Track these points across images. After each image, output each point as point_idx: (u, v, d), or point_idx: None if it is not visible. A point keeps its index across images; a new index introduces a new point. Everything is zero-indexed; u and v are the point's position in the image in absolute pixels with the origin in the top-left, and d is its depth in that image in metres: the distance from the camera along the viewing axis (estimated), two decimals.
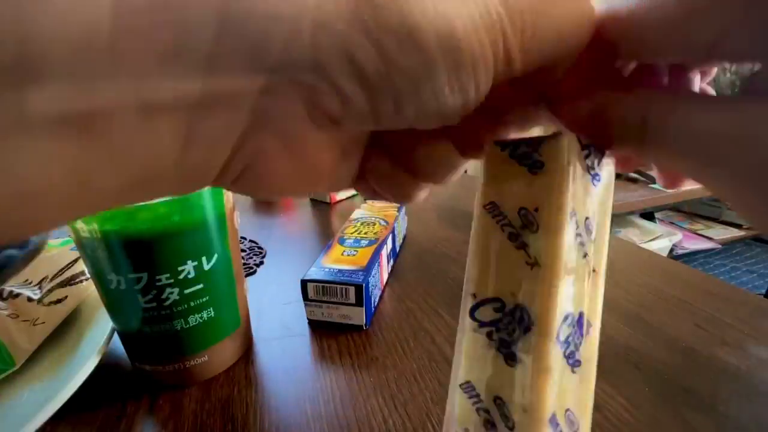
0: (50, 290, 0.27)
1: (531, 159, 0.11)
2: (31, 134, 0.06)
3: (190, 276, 0.21)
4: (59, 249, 0.31)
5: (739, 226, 1.64)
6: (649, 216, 1.56)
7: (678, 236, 1.47)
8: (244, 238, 0.46)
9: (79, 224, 0.19)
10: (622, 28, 0.10)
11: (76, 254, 0.31)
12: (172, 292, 0.21)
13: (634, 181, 1.49)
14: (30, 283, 0.27)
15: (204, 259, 0.22)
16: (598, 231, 0.11)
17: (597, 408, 0.21)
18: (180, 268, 0.21)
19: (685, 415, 0.20)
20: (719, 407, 0.21)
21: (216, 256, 0.22)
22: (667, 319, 0.28)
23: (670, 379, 0.23)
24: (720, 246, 1.55)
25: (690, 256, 1.54)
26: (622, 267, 0.36)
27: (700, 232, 1.61)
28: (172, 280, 0.21)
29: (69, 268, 0.30)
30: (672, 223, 1.70)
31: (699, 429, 0.19)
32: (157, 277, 0.20)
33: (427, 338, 0.27)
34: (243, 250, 0.43)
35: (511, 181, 0.11)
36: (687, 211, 1.82)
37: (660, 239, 1.39)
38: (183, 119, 0.08)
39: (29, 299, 0.26)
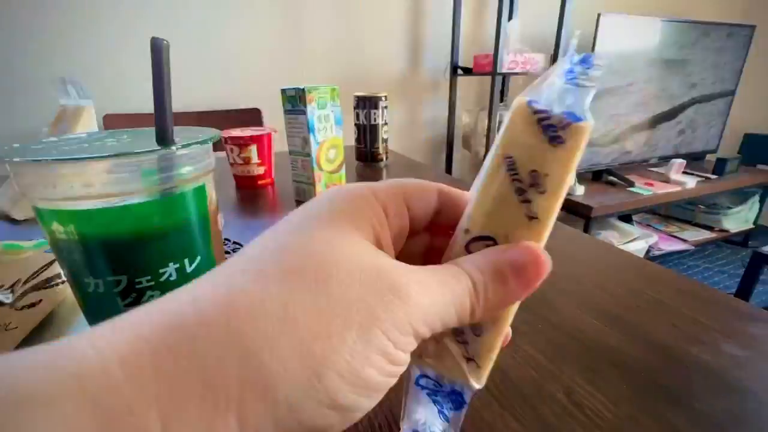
0: (23, 294, 0.26)
1: (555, 133, 0.12)
2: None
3: (172, 278, 0.21)
4: (33, 251, 0.30)
5: (710, 229, 1.71)
6: (626, 218, 1.60)
7: (654, 238, 1.51)
8: (228, 240, 0.45)
9: (55, 225, 0.18)
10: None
11: (51, 256, 0.30)
12: (152, 295, 0.20)
13: (612, 184, 1.54)
14: (2, 287, 0.26)
15: (186, 261, 0.21)
16: (552, 187, 0.13)
17: (578, 406, 0.21)
18: (161, 271, 0.20)
19: (663, 412, 0.21)
20: (695, 403, 0.21)
21: (199, 258, 0.22)
22: (645, 319, 0.29)
23: (649, 377, 0.23)
24: (693, 247, 1.60)
25: (665, 257, 1.59)
26: (601, 268, 0.37)
27: (674, 234, 1.67)
28: (153, 283, 0.20)
29: (43, 270, 0.29)
30: (649, 225, 1.75)
31: (676, 425, 0.20)
32: (137, 280, 0.20)
33: None
34: (227, 252, 0.42)
35: (531, 144, 0.12)
36: (662, 214, 1.88)
37: (637, 241, 1.43)
38: None
39: (1, 303, 0.25)
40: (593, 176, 1.59)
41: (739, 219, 1.68)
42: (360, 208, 0.13)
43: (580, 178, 1.55)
